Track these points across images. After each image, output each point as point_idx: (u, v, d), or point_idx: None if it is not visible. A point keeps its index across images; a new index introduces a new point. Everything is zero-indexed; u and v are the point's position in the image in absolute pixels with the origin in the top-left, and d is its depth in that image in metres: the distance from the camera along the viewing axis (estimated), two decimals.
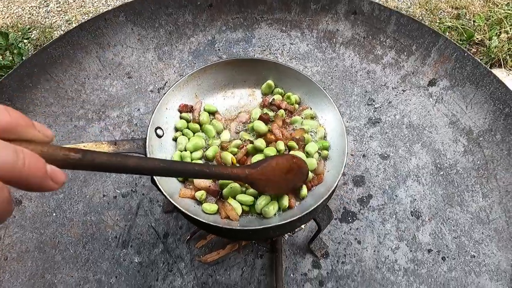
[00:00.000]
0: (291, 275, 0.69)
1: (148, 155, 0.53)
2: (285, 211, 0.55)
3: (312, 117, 0.65)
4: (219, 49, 1.00)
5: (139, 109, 0.90)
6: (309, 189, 0.57)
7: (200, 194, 0.53)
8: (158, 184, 0.50)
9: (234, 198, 0.54)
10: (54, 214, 0.74)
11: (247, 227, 0.50)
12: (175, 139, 0.60)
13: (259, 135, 0.60)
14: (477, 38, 1.87)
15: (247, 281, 0.68)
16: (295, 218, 0.50)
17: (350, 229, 0.73)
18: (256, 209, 0.54)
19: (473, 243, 0.67)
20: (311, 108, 0.67)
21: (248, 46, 1.01)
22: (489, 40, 1.83)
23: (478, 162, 0.75)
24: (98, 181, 0.79)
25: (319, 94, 0.64)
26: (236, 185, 0.53)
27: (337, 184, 0.53)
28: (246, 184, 0.54)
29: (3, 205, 0.21)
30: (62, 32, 1.62)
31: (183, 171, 0.42)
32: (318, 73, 0.95)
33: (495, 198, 0.70)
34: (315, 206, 0.51)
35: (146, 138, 0.54)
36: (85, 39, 0.88)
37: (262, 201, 0.53)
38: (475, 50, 1.86)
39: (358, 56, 0.95)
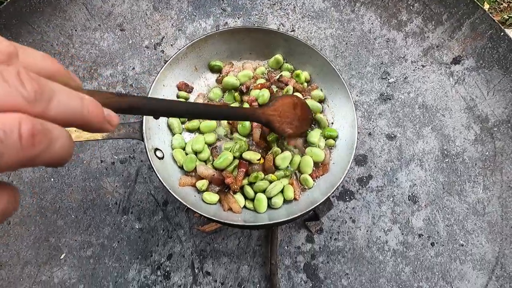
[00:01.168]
0: (285, 247, 0.72)
1: (146, 140, 0.50)
2: (290, 203, 0.54)
3: (321, 100, 0.61)
4: (223, 0, 0.88)
5: (134, 68, 0.83)
6: (314, 179, 0.56)
7: (201, 184, 0.51)
8: (158, 175, 0.48)
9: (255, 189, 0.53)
10: (52, 180, 0.73)
11: (250, 223, 0.50)
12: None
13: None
14: None
15: (243, 250, 0.71)
16: (297, 215, 0.49)
17: (347, 207, 0.74)
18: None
19: (464, 233, 0.69)
20: (321, 90, 0.61)
21: None
22: None
23: (487, 153, 0.73)
24: (94, 146, 0.77)
25: (332, 75, 0.58)
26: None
27: (341, 182, 0.52)
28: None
29: (69, 148, 0.23)
30: None
31: (204, 112, 0.42)
32: (332, 37, 0.86)
33: (496, 191, 0.70)
34: (318, 203, 0.50)
35: (142, 121, 0.51)
36: None
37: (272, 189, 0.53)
38: (506, 5, 1.68)
39: (379, 20, 0.84)
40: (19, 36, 0.74)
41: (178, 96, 0.57)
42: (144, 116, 0.51)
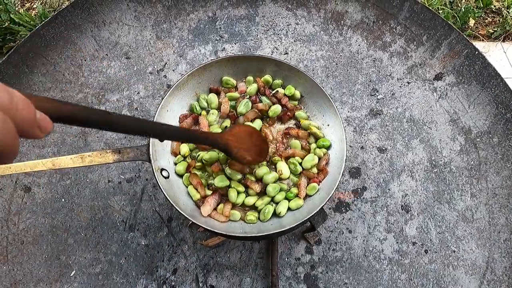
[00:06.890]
0: (286, 259, 0.75)
1: (152, 162, 0.55)
2: (294, 210, 0.58)
3: (304, 119, 0.66)
4: (220, 28, 0.95)
5: (138, 92, 0.89)
6: (318, 184, 0.60)
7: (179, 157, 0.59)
8: (165, 194, 0.53)
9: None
10: (63, 200, 0.78)
11: (251, 234, 0.54)
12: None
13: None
14: (494, 6, 1.76)
15: (245, 263, 0.74)
16: (289, 227, 0.53)
17: (343, 218, 0.78)
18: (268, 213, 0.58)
19: (455, 239, 0.72)
20: (306, 110, 0.67)
21: (251, 24, 0.96)
22: (507, 9, 1.72)
23: (472, 162, 0.77)
24: (102, 167, 0.82)
25: (320, 95, 0.64)
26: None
27: (332, 194, 0.56)
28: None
29: (8, 137, 0.21)
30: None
31: (163, 133, 0.43)
32: (322, 58, 0.92)
33: (483, 199, 0.74)
34: (313, 214, 0.54)
35: (149, 144, 0.55)
36: (79, 18, 0.83)
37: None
38: (491, 20, 1.76)
39: (365, 41, 0.91)
40: (34, 68, 0.81)
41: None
42: (151, 139, 0.56)
